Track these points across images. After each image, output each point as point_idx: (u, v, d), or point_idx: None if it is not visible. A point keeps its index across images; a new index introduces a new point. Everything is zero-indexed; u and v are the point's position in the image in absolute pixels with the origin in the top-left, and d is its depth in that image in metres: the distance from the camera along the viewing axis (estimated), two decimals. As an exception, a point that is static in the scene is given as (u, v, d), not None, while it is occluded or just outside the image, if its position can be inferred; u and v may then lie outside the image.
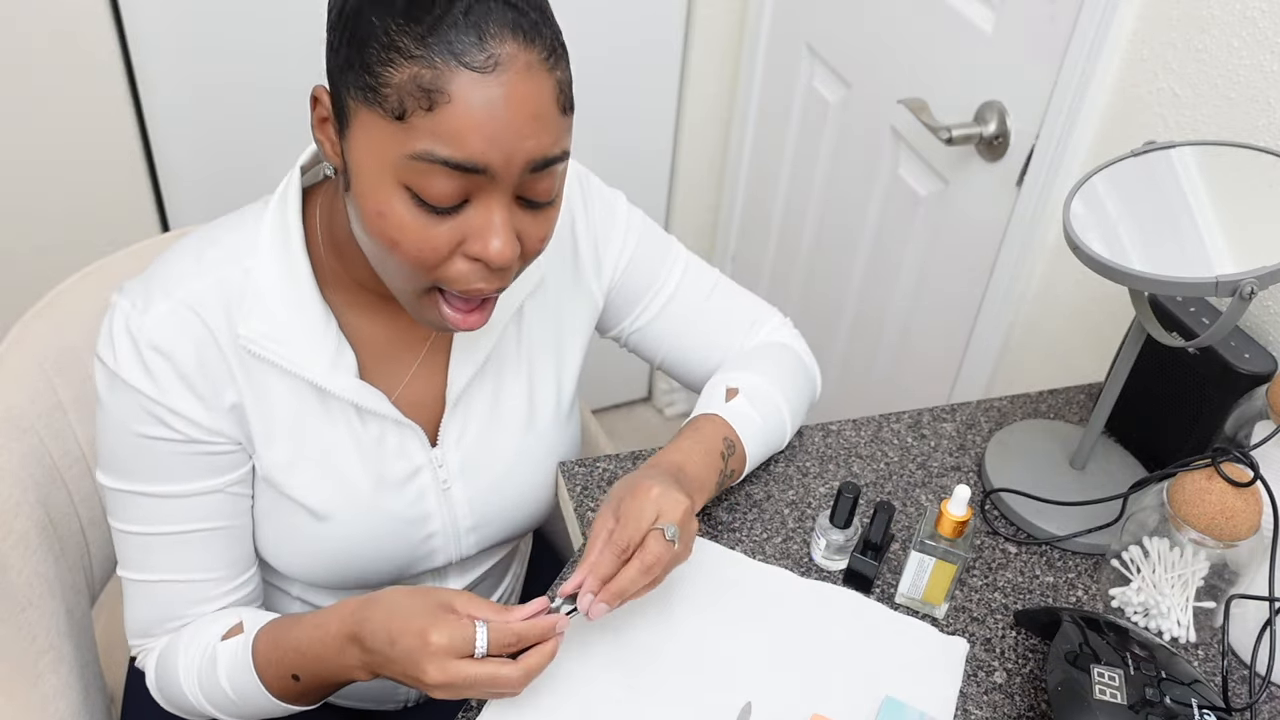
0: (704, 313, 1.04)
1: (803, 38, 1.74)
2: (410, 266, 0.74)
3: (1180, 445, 1.05)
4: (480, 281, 0.75)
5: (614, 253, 0.99)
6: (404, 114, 0.68)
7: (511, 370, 0.95)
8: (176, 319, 0.81)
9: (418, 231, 0.72)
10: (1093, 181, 0.94)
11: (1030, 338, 1.38)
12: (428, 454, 0.92)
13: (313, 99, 0.75)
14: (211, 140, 1.65)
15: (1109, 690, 0.77)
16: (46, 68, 1.50)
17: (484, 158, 0.69)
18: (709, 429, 0.95)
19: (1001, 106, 1.33)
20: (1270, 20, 1.00)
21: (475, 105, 0.68)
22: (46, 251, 1.67)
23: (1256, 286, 0.81)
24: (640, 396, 2.43)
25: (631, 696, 0.85)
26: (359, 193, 0.73)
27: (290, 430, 0.87)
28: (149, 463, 0.84)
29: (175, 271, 0.83)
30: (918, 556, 0.90)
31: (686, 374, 1.07)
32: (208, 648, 0.87)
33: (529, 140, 0.70)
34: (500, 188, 0.72)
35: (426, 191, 0.70)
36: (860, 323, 1.76)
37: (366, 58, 0.69)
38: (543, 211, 0.76)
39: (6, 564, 0.94)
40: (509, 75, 0.68)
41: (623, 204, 1.01)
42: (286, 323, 0.83)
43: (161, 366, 0.81)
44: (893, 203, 1.60)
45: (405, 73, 0.67)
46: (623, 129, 1.93)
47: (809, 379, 1.07)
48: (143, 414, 0.82)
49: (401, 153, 0.69)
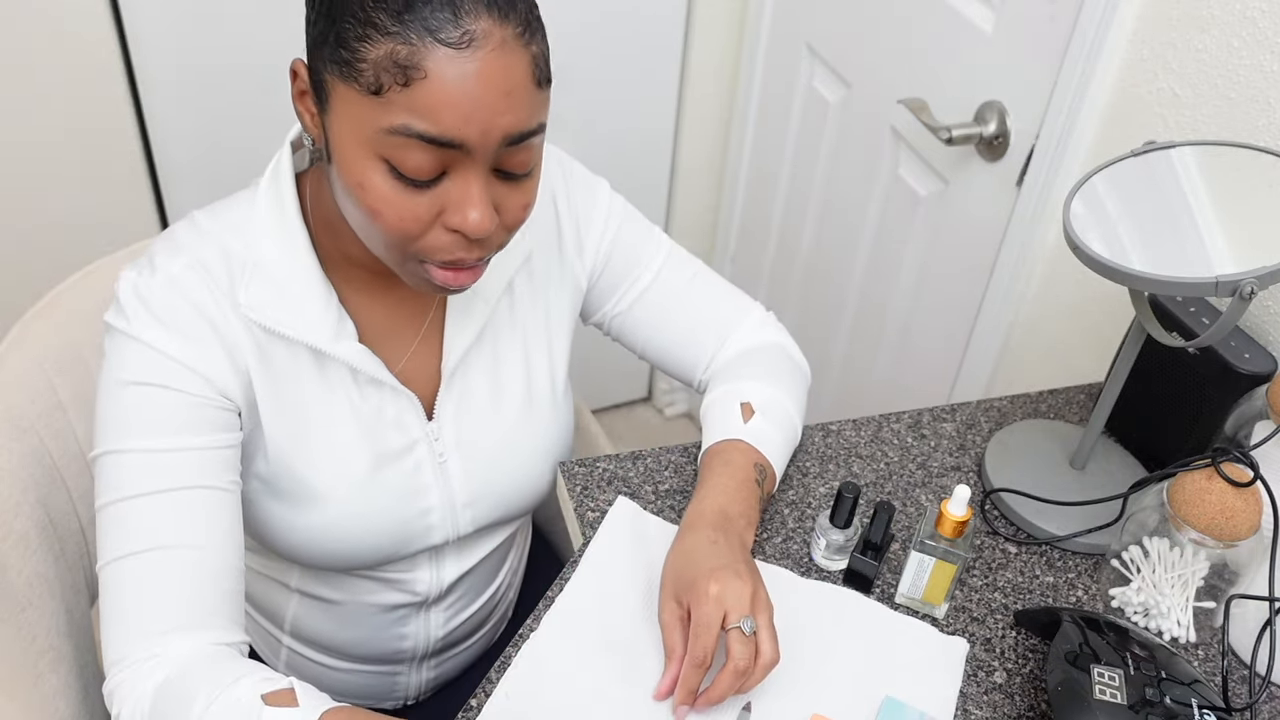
0: (685, 301, 1.05)
1: (803, 38, 1.74)
2: (392, 236, 0.75)
3: (1180, 445, 1.05)
4: (460, 251, 0.77)
5: (595, 236, 1.00)
6: (380, 89, 0.69)
7: (506, 345, 0.96)
8: (182, 280, 0.82)
9: (397, 203, 0.73)
10: (1093, 181, 0.94)
11: (1030, 338, 1.38)
12: (424, 427, 0.93)
13: (292, 72, 0.77)
14: (212, 140, 1.65)
15: (1109, 690, 0.77)
16: (46, 68, 1.50)
17: (460, 133, 0.70)
18: (738, 459, 0.95)
19: (1001, 106, 1.33)
20: (1270, 20, 1.00)
21: (451, 81, 0.69)
22: (46, 251, 1.67)
23: (1256, 286, 0.81)
24: (640, 396, 2.43)
25: (631, 696, 0.85)
26: (340, 165, 0.74)
27: (292, 403, 0.87)
28: (149, 417, 0.81)
29: (178, 241, 0.84)
30: (918, 556, 0.90)
31: (668, 362, 1.07)
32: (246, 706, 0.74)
33: (505, 116, 0.71)
34: (477, 161, 0.73)
35: (404, 165, 0.72)
36: (860, 323, 1.76)
37: (343, 33, 0.70)
38: (521, 183, 0.77)
39: (6, 564, 0.94)
40: (484, 51, 0.69)
41: (604, 189, 1.02)
42: (288, 292, 0.84)
43: (169, 318, 0.81)
44: (893, 203, 1.60)
45: (381, 49, 0.68)
46: (622, 129, 1.93)
47: (803, 376, 1.08)
48: (146, 365, 0.81)
49: (379, 127, 0.71)
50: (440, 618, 1.05)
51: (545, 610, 0.90)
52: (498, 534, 1.05)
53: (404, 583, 1.00)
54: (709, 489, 0.93)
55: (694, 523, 0.89)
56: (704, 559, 0.85)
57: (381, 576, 0.99)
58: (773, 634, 0.82)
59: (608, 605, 0.91)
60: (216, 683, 0.75)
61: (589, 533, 0.97)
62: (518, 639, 0.88)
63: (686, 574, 0.85)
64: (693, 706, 0.82)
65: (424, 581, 1.00)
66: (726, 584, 0.82)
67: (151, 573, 0.80)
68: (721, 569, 0.83)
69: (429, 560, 1.00)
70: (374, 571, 0.98)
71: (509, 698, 0.84)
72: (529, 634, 0.88)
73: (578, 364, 1.07)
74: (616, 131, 1.92)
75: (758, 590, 0.83)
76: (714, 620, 0.81)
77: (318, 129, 0.77)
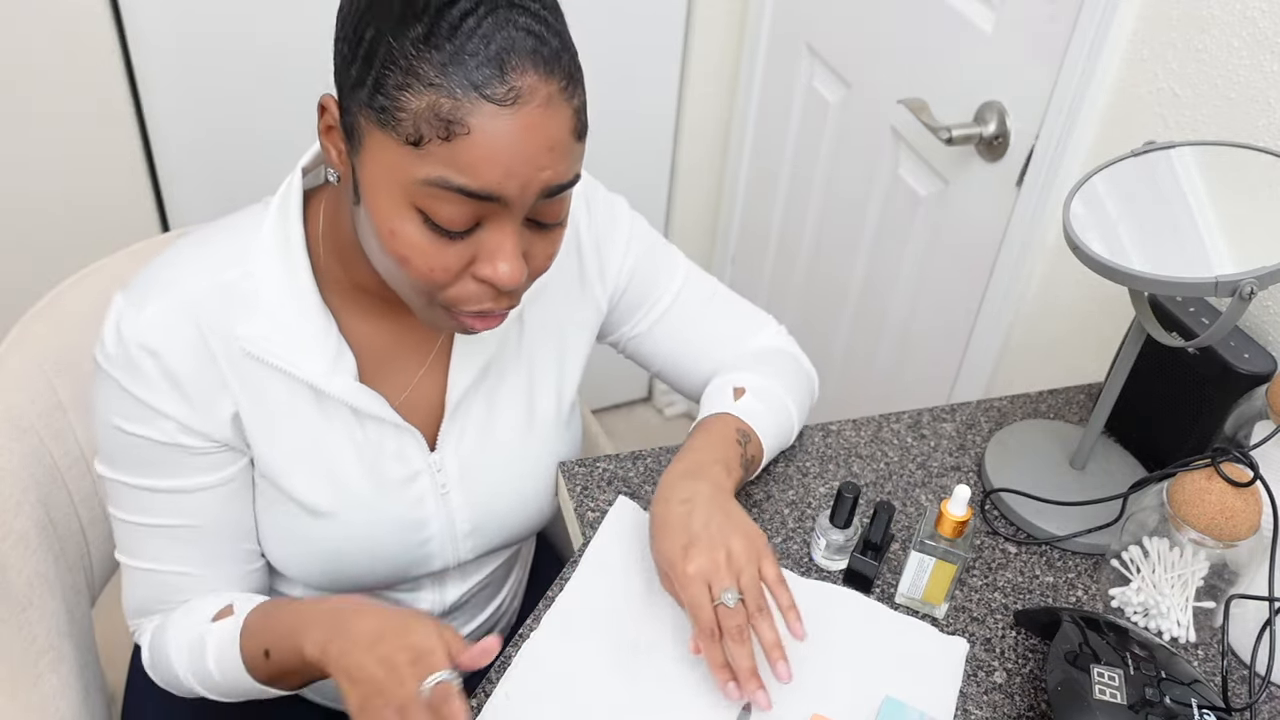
0: (702, 320, 1.04)
1: (803, 38, 1.74)
2: (420, 284, 0.74)
3: (1180, 445, 1.05)
4: (489, 301, 0.75)
5: (617, 259, 0.99)
6: (420, 141, 0.67)
7: (511, 377, 0.95)
8: (169, 320, 0.81)
9: (428, 252, 0.72)
10: (1093, 181, 0.94)
11: (1030, 338, 1.38)
12: (426, 459, 0.92)
13: (320, 106, 0.75)
14: (211, 140, 1.65)
15: (1109, 690, 0.77)
16: (46, 68, 1.50)
17: (500, 189, 0.69)
18: (718, 425, 0.95)
19: (1001, 106, 1.33)
20: (1270, 20, 1.00)
21: (494, 137, 0.67)
22: (46, 251, 1.67)
23: (1256, 286, 0.81)
24: (640, 396, 2.43)
25: (631, 697, 0.85)
26: (371, 209, 0.72)
27: (288, 431, 0.87)
28: (136, 458, 0.85)
29: (173, 273, 0.83)
30: (918, 556, 0.90)
31: (682, 381, 1.07)
32: (198, 628, 0.88)
33: (546, 171, 0.70)
34: (513, 213, 0.71)
35: (438, 215, 0.70)
36: (860, 323, 1.76)
37: (382, 80, 0.67)
38: (551, 231, 0.76)
39: (6, 564, 0.94)
40: (529, 108, 0.67)
41: (624, 210, 1.01)
42: (286, 325, 0.83)
43: (149, 366, 0.81)
44: (893, 203, 1.60)
45: (423, 100, 0.66)
46: (623, 129, 1.93)
47: (809, 380, 1.07)
48: (129, 412, 0.83)
49: (415, 177, 0.69)
50: None
51: (545, 610, 0.90)
52: (501, 555, 1.05)
53: (407, 603, 1.00)
54: (682, 452, 0.92)
55: (663, 493, 0.88)
56: (677, 534, 0.84)
57: (385, 596, 0.99)
58: (773, 573, 0.82)
59: (607, 605, 0.91)
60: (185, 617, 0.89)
61: (589, 533, 0.97)
62: (518, 639, 0.88)
63: (666, 556, 0.84)
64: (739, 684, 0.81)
65: (427, 601, 1.01)
66: (701, 559, 0.81)
67: (160, 582, 0.90)
68: (693, 543, 0.82)
69: (432, 582, 1.00)
70: (377, 592, 0.98)
71: (509, 698, 0.84)
72: (529, 634, 0.88)
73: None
74: (616, 131, 1.92)
75: (732, 551, 0.82)
76: (701, 598, 0.81)
77: (345, 167, 0.75)
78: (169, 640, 0.89)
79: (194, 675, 0.88)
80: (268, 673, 0.84)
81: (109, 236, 1.67)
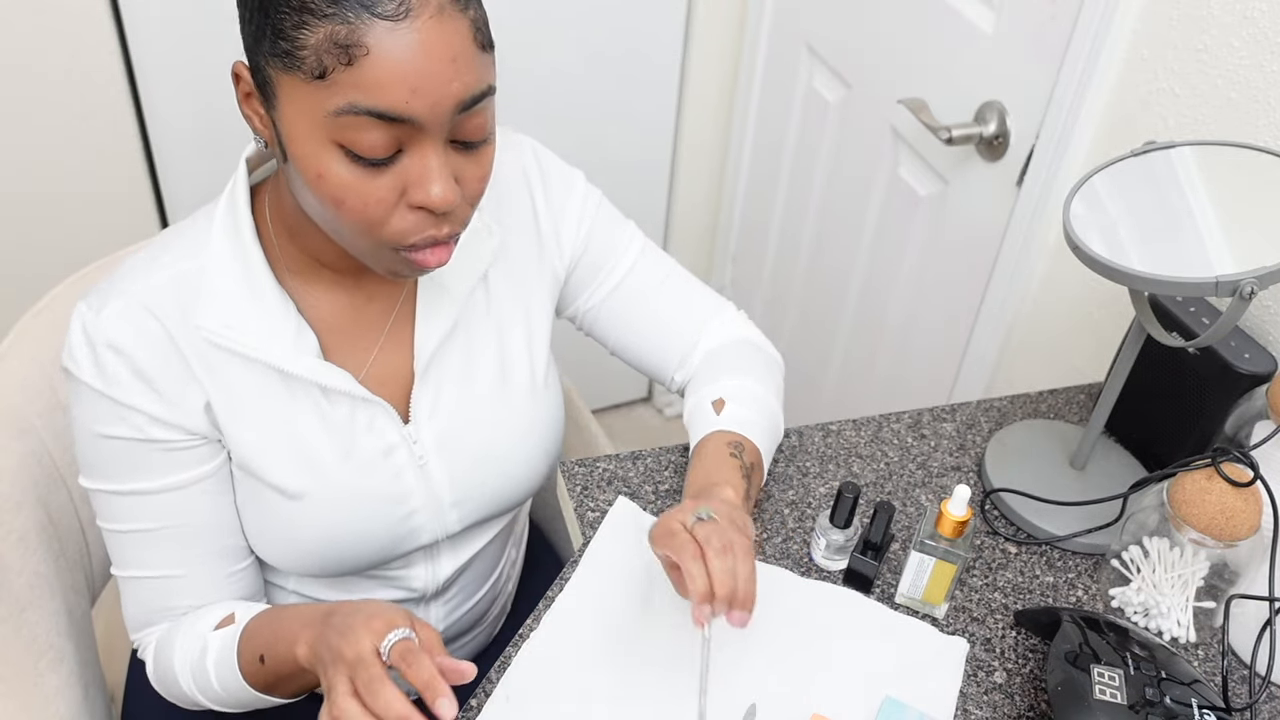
0: (657, 297, 1.05)
1: (803, 38, 1.74)
2: (358, 224, 0.75)
3: (1180, 445, 1.05)
4: (430, 229, 0.76)
5: (572, 225, 1.00)
6: (324, 73, 0.69)
7: (480, 340, 0.96)
8: (130, 316, 0.82)
9: (359, 187, 0.73)
10: (1093, 181, 0.94)
11: (1030, 338, 1.38)
12: (400, 431, 0.92)
13: (234, 75, 0.77)
14: (211, 141, 1.65)
15: (1109, 690, 0.77)
16: (46, 68, 1.51)
17: (409, 107, 0.70)
18: (711, 446, 0.95)
19: (1001, 106, 1.33)
20: (1270, 20, 1.00)
21: (393, 53, 0.69)
22: (46, 251, 1.67)
23: (1256, 286, 0.81)
24: (640, 396, 2.43)
25: (631, 697, 0.85)
26: (296, 159, 0.74)
27: (257, 415, 0.87)
28: (115, 462, 0.85)
29: (129, 274, 0.84)
30: (918, 556, 0.90)
31: (640, 361, 1.07)
32: (200, 638, 0.88)
33: (453, 83, 0.71)
34: (432, 134, 0.73)
35: (358, 145, 0.71)
36: (860, 323, 1.76)
37: (279, 24, 0.70)
38: (478, 150, 0.77)
39: (6, 564, 0.94)
40: (422, 20, 0.69)
41: (581, 182, 1.02)
42: (243, 311, 0.84)
43: (116, 364, 0.82)
44: (893, 203, 1.60)
45: (320, 32, 0.68)
46: (623, 129, 1.93)
47: (777, 366, 1.08)
48: (103, 413, 0.83)
49: (327, 110, 0.70)
50: (440, 612, 1.05)
51: (545, 610, 0.90)
52: (492, 527, 1.05)
53: (400, 579, 1.00)
54: (686, 487, 0.93)
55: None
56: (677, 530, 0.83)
57: (377, 575, 0.99)
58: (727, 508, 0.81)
59: (608, 605, 0.91)
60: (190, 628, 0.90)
61: (589, 533, 0.97)
62: (518, 639, 0.88)
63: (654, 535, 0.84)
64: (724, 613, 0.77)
65: (420, 578, 1.00)
66: (686, 512, 0.81)
67: (152, 588, 0.91)
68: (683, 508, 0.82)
69: (424, 557, 1.00)
70: (369, 570, 0.98)
71: (509, 700, 0.84)
72: (529, 634, 0.88)
73: (578, 365, 1.07)
74: (616, 132, 1.92)
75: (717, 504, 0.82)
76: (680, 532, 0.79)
77: (268, 129, 0.77)
78: (174, 652, 0.89)
79: (196, 685, 0.89)
80: (264, 679, 0.85)
81: (109, 236, 1.67)
